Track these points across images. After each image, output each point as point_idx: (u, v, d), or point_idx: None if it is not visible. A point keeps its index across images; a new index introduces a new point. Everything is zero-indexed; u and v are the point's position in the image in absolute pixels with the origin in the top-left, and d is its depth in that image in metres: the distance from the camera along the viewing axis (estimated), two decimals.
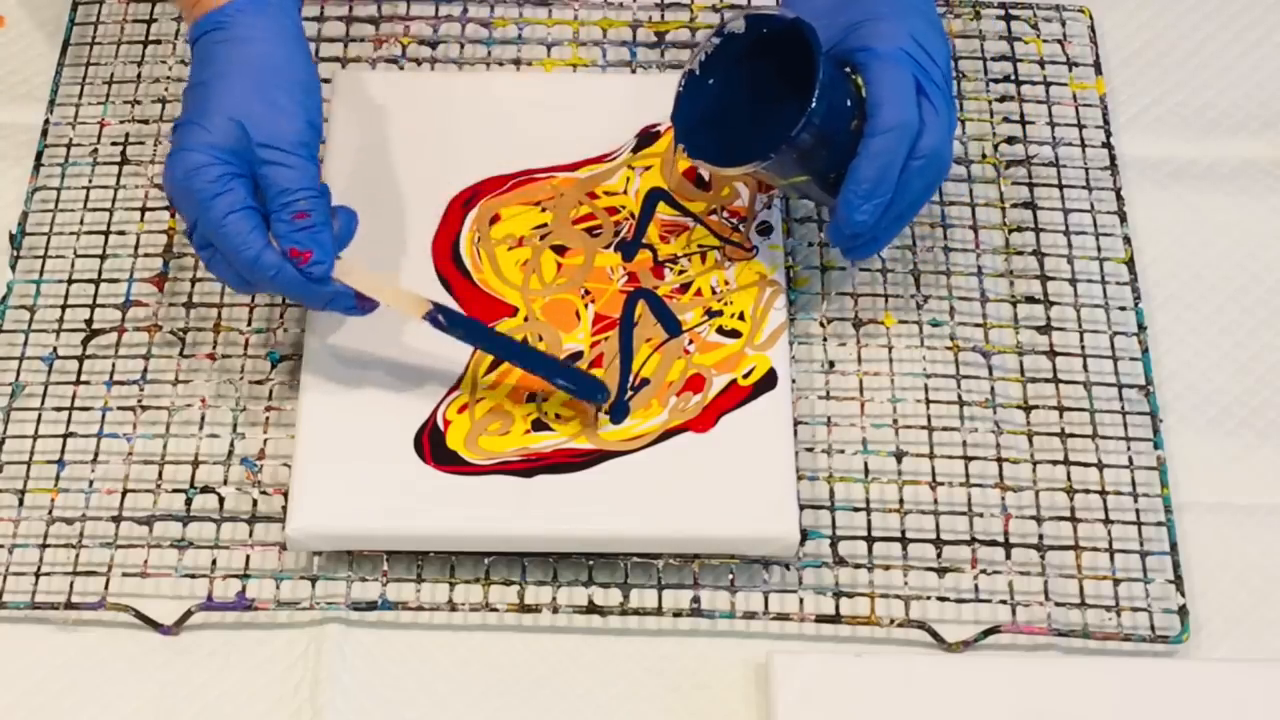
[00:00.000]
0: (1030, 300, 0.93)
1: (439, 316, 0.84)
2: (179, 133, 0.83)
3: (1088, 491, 0.88)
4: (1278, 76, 1.03)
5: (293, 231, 0.81)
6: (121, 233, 0.95)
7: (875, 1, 0.87)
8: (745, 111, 0.88)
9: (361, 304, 0.84)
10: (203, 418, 0.89)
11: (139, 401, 0.90)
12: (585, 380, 0.86)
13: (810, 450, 0.89)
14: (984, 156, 0.98)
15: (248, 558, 0.86)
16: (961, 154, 0.98)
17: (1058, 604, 0.85)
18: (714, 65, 0.88)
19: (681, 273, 0.91)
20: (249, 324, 0.92)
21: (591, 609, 0.85)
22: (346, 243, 0.84)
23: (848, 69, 0.86)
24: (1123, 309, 0.93)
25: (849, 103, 0.85)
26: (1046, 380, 0.91)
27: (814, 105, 0.83)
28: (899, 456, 0.88)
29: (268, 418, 0.89)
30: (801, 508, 0.85)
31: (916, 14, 0.87)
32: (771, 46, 0.86)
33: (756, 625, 0.85)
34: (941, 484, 0.88)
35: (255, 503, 0.87)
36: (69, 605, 0.85)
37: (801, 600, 0.85)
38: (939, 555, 0.86)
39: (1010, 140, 0.98)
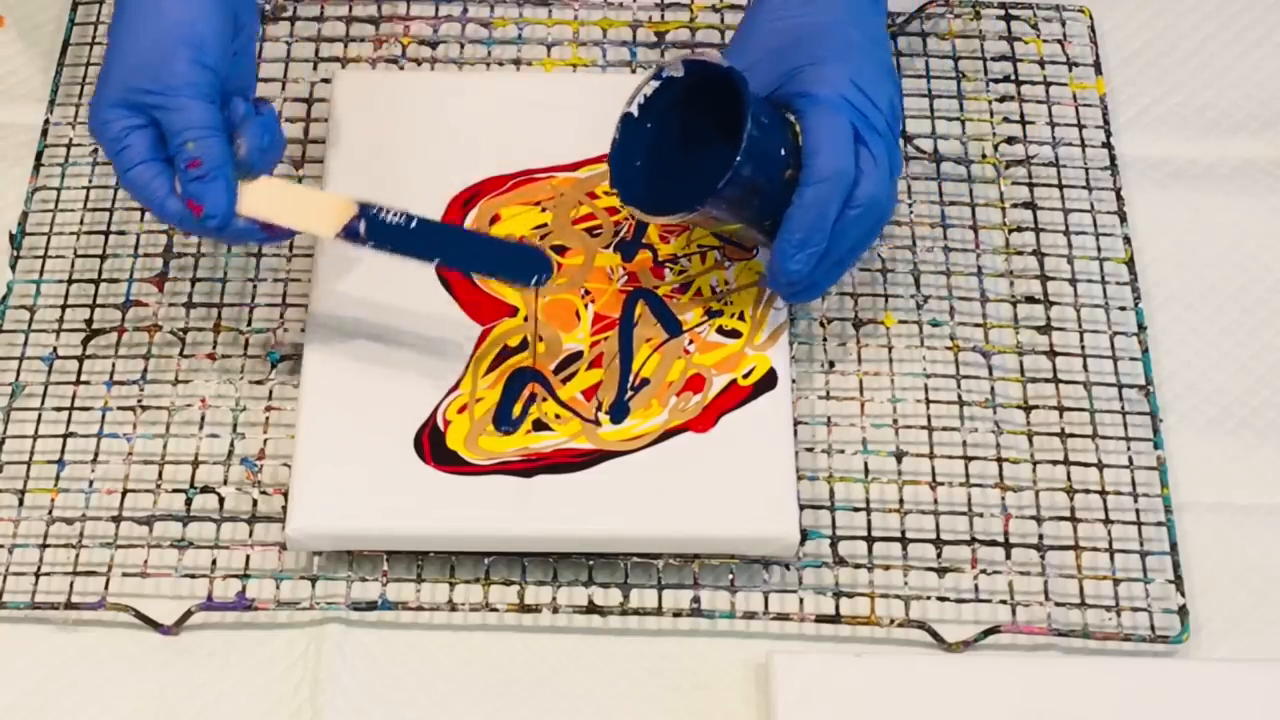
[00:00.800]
0: (1030, 300, 0.93)
1: (359, 228, 0.82)
2: (96, 86, 0.83)
3: (1088, 491, 0.88)
4: (1278, 76, 1.03)
5: (188, 182, 0.81)
6: (121, 233, 0.95)
7: (819, 45, 0.85)
8: (681, 157, 0.87)
9: (270, 232, 0.83)
10: (203, 418, 0.89)
11: (139, 401, 0.90)
12: (524, 257, 0.84)
13: (810, 450, 0.89)
14: (984, 156, 0.98)
15: (248, 558, 0.86)
16: (961, 154, 0.98)
17: (1058, 604, 0.85)
18: (651, 108, 0.86)
19: (681, 273, 0.91)
20: (249, 324, 0.92)
21: (591, 609, 0.85)
22: (274, 150, 0.83)
23: (789, 115, 0.84)
24: (1123, 309, 0.93)
25: (783, 151, 0.83)
26: (1046, 380, 0.91)
27: (740, 159, 0.81)
28: (899, 456, 0.88)
29: (268, 418, 0.89)
30: (801, 508, 0.85)
31: (862, 57, 0.85)
32: (708, 92, 0.84)
33: (756, 625, 0.85)
34: (941, 484, 0.88)
35: (255, 503, 0.87)
36: (69, 605, 0.85)
37: (801, 600, 0.85)
38: (939, 555, 0.86)
39: (1010, 140, 0.98)
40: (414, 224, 0.83)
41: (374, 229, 0.82)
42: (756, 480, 0.85)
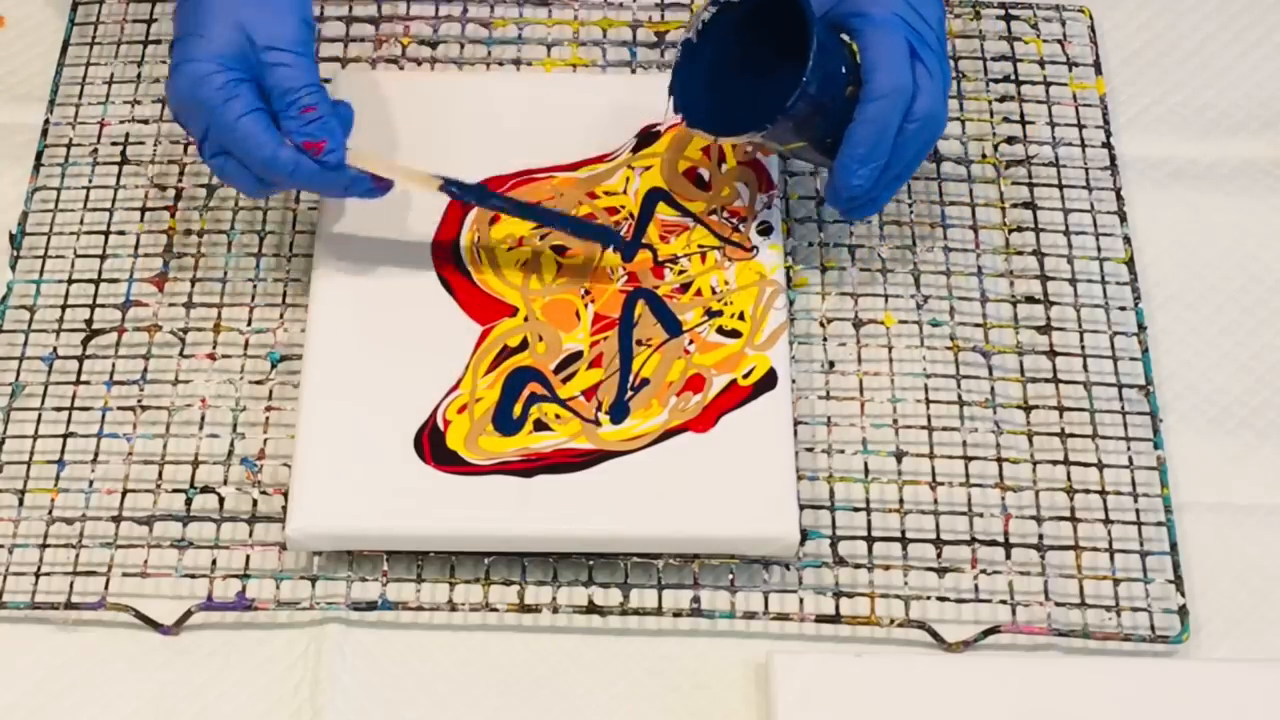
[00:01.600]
0: (1030, 300, 0.93)
1: (452, 188, 0.87)
2: (180, 46, 0.85)
3: (1088, 491, 0.88)
4: (1278, 76, 1.03)
5: (303, 126, 0.84)
6: (121, 233, 0.95)
7: None
8: (741, 80, 0.89)
9: (378, 184, 0.86)
10: (203, 418, 0.89)
11: (139, 401, 0.90)
12: (597, 230, 0.91)
13: (810, 450, 0.89)
14: (984, 156, 0.98)
15: (248, 558, 0.86)
16: (961, 154, 0.98)
17: (1058, 604, 0.85)
18: (710, 34, 0.88)
19: (681, 273, 0.91)
20: (249, 324, 0.92)
21: (591, 609, 0.85)
22: (348, 133, 0.86)
23: (842, 35, 0.87)
24: (1123, 309, 0.93)
25: (844, 69, 0.86)
26: (1046, 380, 0.91)
27: (808, 75, 0.83)
28: (899, 456, 0.88)
29: (268, 418, 0.89)
30: (801, 508, 0.85)
31: None
32: (766, 15, 0.87)
33: (756, 625, 0.85)
34: (941, 484, 0.88)
35: (255, 503, 0.87)
36: (69, 605, 0.85)
37: (801, 600, 0.85)
38: (939, 555, 0.86)
39: (1010, 140, 0.98)
40: (489, 201, 0.90)
41: (462, 193, 0.88)
42: (756, 480, 0.85)
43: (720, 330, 0.89)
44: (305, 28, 0.85)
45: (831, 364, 0.91)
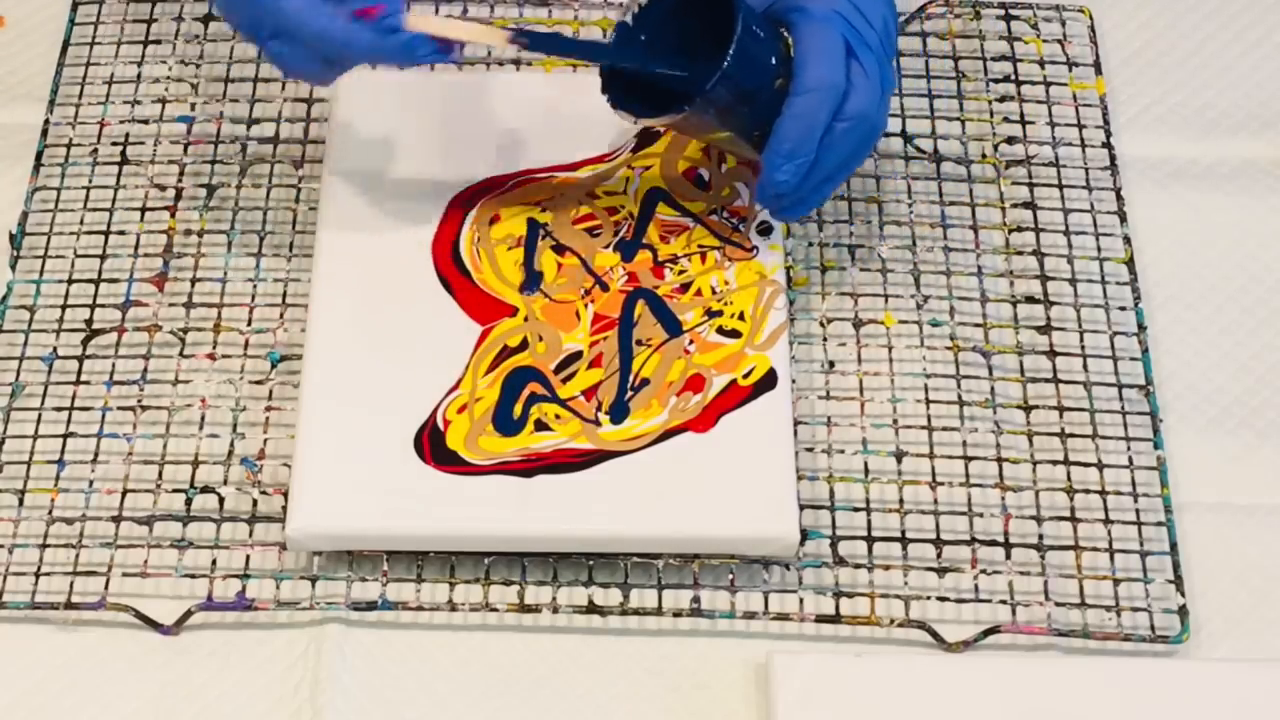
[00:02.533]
0: (1030, 300, 0.93)
1: (522, 38, 0.84)
2: None
3: (1088, 491, 0.88)
4: (1278, 76, 1.03)
5: None
6: (121, 233, 0.95)
7: None
8: (673, 66, 0.87)
9: (443, 46, 0.83)
10: (203, 418, 0.89)
11: (139, 401, 0.90)
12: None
13: (810, 450, 0.89)
14: (984, 156, 0.98)
15: (248, 558, 0.86)
16: (961, 154, 0.98)
17: (1058, 604, 0.85)
18: (646, 19, 0.87)
19: (681, 273, 0.91)
20: (249, 324, 0.92)
21: (591, 609, 0.85)
22: None
23: (781, 28, 0.86)
24: (1123, 309, 0.93)
25: (774, 60, 0.85)
26: (1046, 380, 0.91)
27: (729, 59, 0.82)
28: (899, 456, 0.88)
29: (268, 418, 0.89)
30: (801, 508, 0.85)
31: None
32: (700, 8, 0.85)
33: (756, 625, 0.85)
34: (941, 484, 0.88)
35: (255, 503, 0.87)
36: (69, 605, 0.85)
37: (801, 600, 0.85)
38: (939, 555, 0.86)
39: (1010, 140, 0.98)
40: (561, 46, 0.89)
41: (531, 41, 0.85)
42: (756, 480, 0.85)
43: (720, 330, 0.89)
44: None
45: (831, 364, 0.91)
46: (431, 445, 0.86)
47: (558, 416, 0.87)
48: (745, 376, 0.88)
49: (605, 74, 0.87)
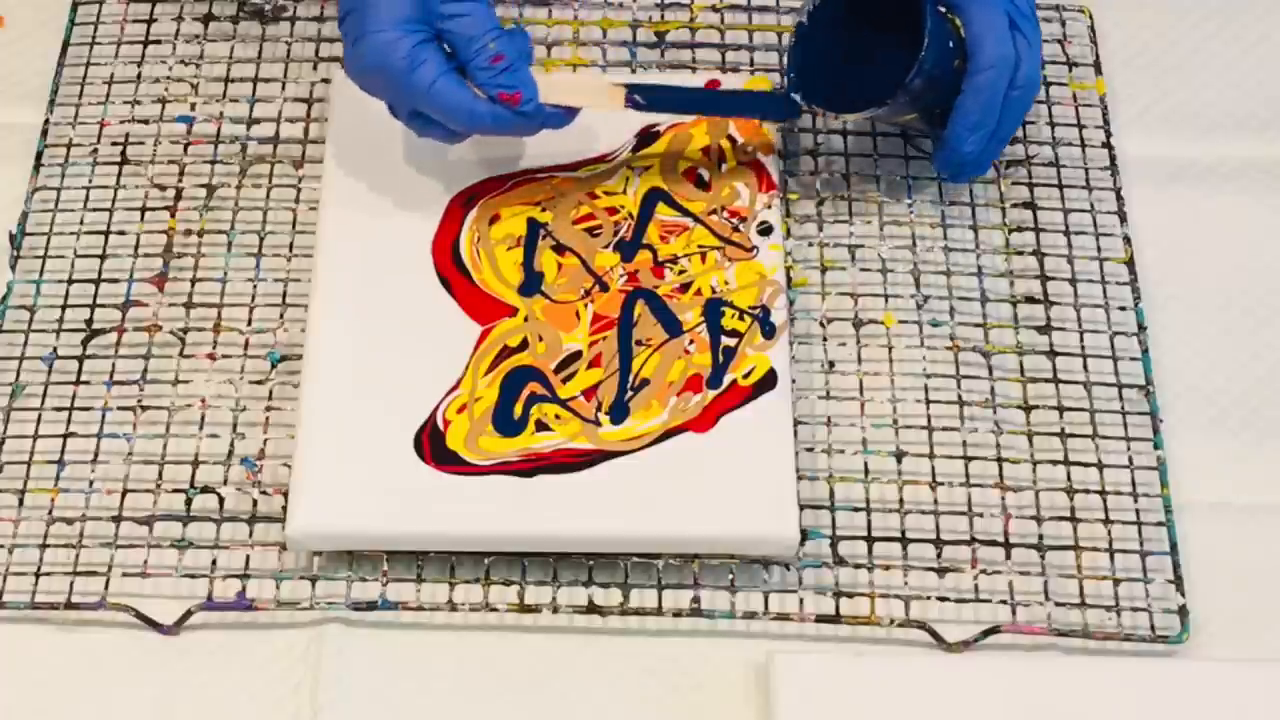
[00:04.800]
0: (1030, 300, 0.93)
1: (636, 96, 0.90)
2: (355, 19, 0.86)
3: (1088, 491, 0.88)
4: (1278, 76, 1.03)
5: (494, 77, 0.85)
6: (121, 233, 0.95)
7: None
8: (850, 63, 0.92)
9: (569, 116, 0.89)
10: (203, 418, 0.89)
11: (139, 401, 0.90)
12: (775, 102, 0.94)
13: (810, 450, 0.89)
14: None
15: (248, 558, 0.86)
16: None
17: (1058, 604, 0.85)
18: (819, 17, 0.92)
19: (681, 273, 0.91)
20: (249, 324, 0.92)
21: (591, 609, 0.85)
22: (530, 62, 0.88)
23: (943, 10, 0.91)
24: (1123, 309, 0.93)
25: (951, 43, 0.90)
26: (1046, 380, 0.91)
27: (925, 51, 0.87)
28: (899, 456, 0.88)
29: (268, 418, 0.89)
30: (801, 508, 0.85)
31: None
32: (868, 3, 0.91)
33: (756, 625, 0.85)
34: (941, 484, 0.88)
35: (255, 503, 0.87)
36: (69, 605, 0.85)
37: (801, 600, 0.85)
38: (939, 555, 0.86)
39: (1010, 140, 0.98)
40: (674, 95, 0.93)
41: (648, 101, 0.91)
42: (756, 480, 0.85)
43: (720, 330, 0.89)
44: None
45: (831, 364, 0.91)
46: (431, 445, 0.86)
47: (558, 417, 0.87)
48: (745, 376, 0.88)
49: (792, 72, 0.92)
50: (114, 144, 0.98)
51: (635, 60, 1.01)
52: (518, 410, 0.87)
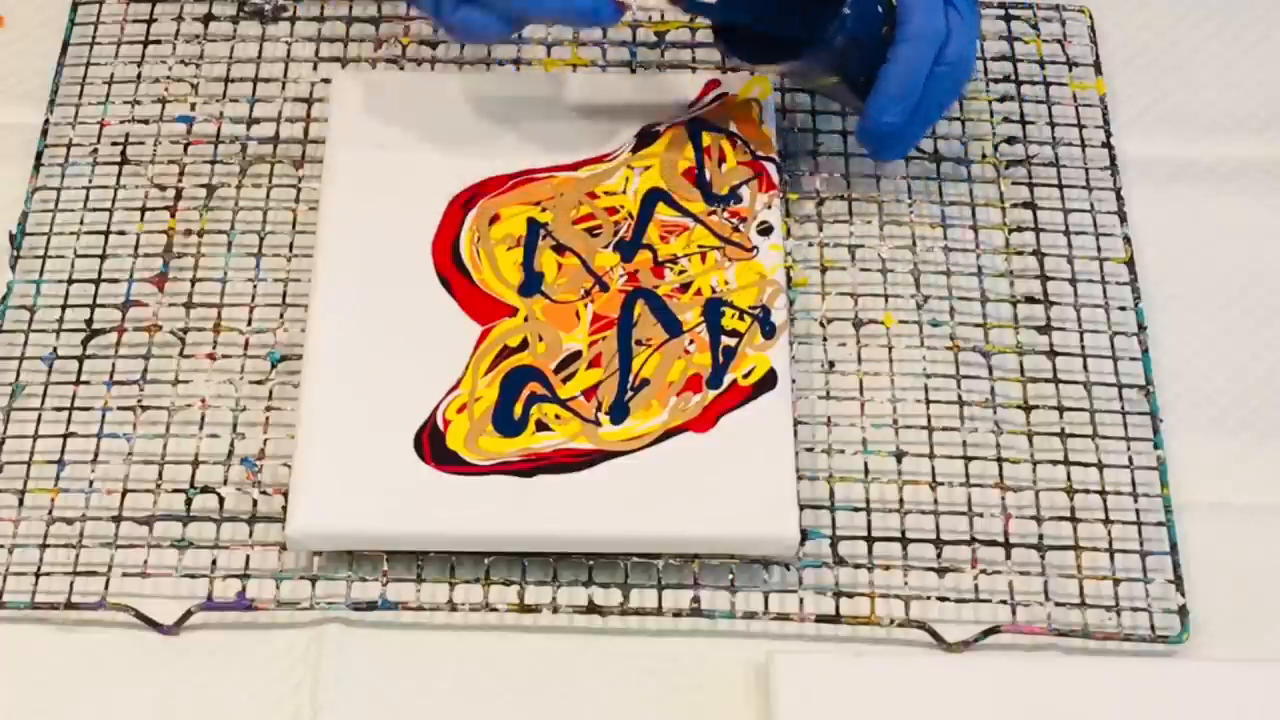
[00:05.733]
0: (1030, 300, 0.93)
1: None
2: None
3: (1088, 491, 0.88)
4: (1278, 76, 1.03)
5: None
6: (121, 233, 0.95)
7: None
8: (783, 15, 0.90)
9: (619, 7, 0.88)
10: (203, 418, 0.89)
11: (139, 401, 0.90)
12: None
13: (810, 450, 0.89)
14: (984, 156, 0.98)
15: (248, 558, 0.86)
16: (961, 154, 0.98)
17: (1058, 604, 0.85)
18: None
19: (681, 273, 0.91)
20: (249, 324, 0.92)
21: (591, 609, 0.85)
22: None
23: None
24: (1123, 309, 0.93)
25: (880, 9, 0.88)
26: (1046, 380, 0.91)
27: (847, 10, 0.86)
28: (899, 456, 0.88)
29: (268, 418, 0.89)
30: (801, 508, 0.85)
31: None
32: None
33: (756, 625, 0.85)
34: (941, 484, 0.88)
35: (255, 503, 0.87)
36: (69, 605, 0.85)
37: (801, 600, 0.85)
38: (939, 555, 0.86)
39: (1010, 140, 0.98)
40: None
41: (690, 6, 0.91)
42: (756, 480, 0.85)
43: (721, 330, 0.89)
44: None
45: (831, 364, 0.91)
46: (431, 445, 0.86)
47: (558, 416, 0.87)
48: (745, 376, 0.88)
49: (716, 19, 0.91)
50: (114, 144, 0.98)
51: (635, 60, 1.01)
52: (518, 410, 0.87)
